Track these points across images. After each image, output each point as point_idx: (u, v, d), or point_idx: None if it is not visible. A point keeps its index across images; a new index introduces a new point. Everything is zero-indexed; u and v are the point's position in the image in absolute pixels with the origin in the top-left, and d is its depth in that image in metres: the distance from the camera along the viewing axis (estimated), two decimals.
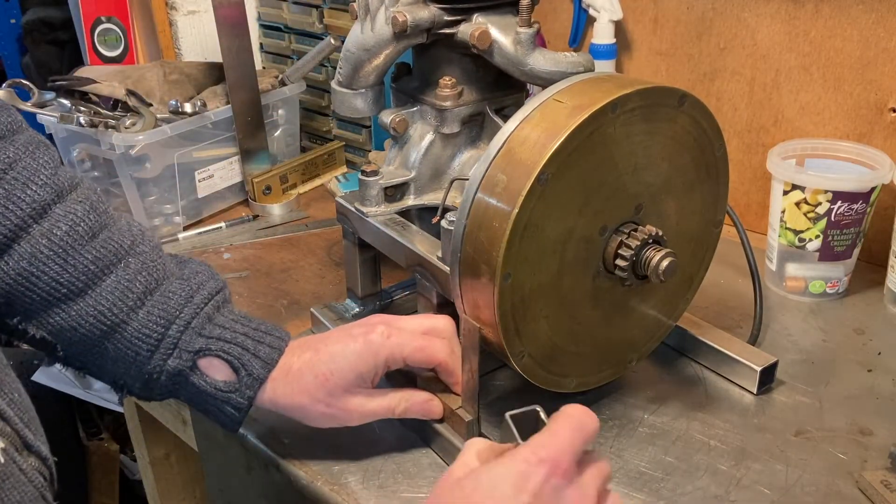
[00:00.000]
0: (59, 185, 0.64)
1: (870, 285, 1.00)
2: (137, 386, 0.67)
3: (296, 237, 1.18)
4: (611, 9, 1.14)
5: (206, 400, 0.67)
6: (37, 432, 0.53)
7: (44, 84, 1.19)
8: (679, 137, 0.71)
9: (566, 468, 0.49)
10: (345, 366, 0.67)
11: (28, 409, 0.54)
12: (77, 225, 0.63)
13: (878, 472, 0.70)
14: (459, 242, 0.67)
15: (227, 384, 0.66)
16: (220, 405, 0.67)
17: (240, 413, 0.67)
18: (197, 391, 0.66)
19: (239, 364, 0.66)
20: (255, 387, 0.66)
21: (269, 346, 0.67)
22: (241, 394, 0.66)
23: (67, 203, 0.64)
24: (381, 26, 0.78)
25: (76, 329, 0.64)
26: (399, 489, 0.70)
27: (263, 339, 0.67)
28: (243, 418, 0.68)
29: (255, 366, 0.66)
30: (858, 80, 1.01)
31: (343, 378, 0.67)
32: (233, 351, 0.66)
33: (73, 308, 0.63)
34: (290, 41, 1.41)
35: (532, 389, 0.73)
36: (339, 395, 0.67)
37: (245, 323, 0.69)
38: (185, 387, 0.67)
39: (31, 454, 0.52)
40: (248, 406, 0.67)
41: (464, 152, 0.84)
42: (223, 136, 1.23)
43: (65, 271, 0.62)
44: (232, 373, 0.66)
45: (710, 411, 0.80)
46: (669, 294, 0.79)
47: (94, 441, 1.63)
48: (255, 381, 0.66)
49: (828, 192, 0.92)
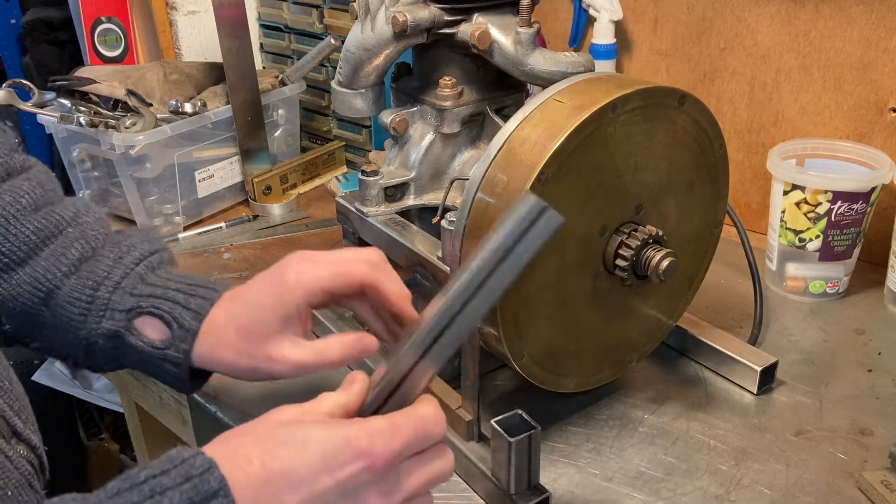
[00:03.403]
0: (11, 165, 0.66)
1: (870, 285, 1.00)
2: (81, 355, 0.66)
3: (296, 237, 1.18)
4: (611, 9, 1.14)
5: (147, 360, 0.65)
6: (27, 421, 0.53)
7: (44, 84, 1.19)
8: (679, 137, 0.71)
9: (384, 468, 0.47)
10: (261, 314, 0.62)
11: (19, 397, 0.54)
12: (21, 198, 0.65)
13: (878, 472, 0.70)
14: (459, 242, 0.67)
15: (162, 342, 0.64)
16: (159, 363, 0.65)
17: (179, 369, 0.64)
18: (136, 353, 0.65)
19: (170, 318, 0.64)
20: (189, 340, 0.63)
21: (202, 298, 0.65)
22: (175, 348, 0.64)
23: (15, 181, 0.66)
24: (381, 26, 0.78)
25: (16, 298, 0.64)
26: None
27: (196, 292, 0.65)
28: (186, 376, 0.65)
29: (185, 318, 0.64)
30: (858, 80, 1.01)
31: (263, 326, 0.62)
32: (164, 306, 0.64)
33: (14, 278, 0.64)
34: (290, 41, 1.41)
35: (532, 389, 0.73)
36: (261, 346, 0.62)
37: (180, 280, 0.67)
38: (124, 350, 0.65)
39: (21, 442, 0.52)
40: (184, 360, 0.64)
41: (464, 152, 0.84)
42: (223, 136, 1.23)
43: (6, 241, 0.64)
44: (166, 329, 0.64)
45: (710, 411, 0.80)
46: (669, 294, 0.79)
47: (94, 441, 1.63)
48: (187, 334, 0.63)
49: (828, 192, 0.92)
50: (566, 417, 0.78)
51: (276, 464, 0.46)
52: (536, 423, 0.63)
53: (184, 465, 0.45)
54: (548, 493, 0.66)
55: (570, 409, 0.79)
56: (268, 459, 0.46)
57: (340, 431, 0.47)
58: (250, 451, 0.46)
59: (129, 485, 0.44)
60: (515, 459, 0.64)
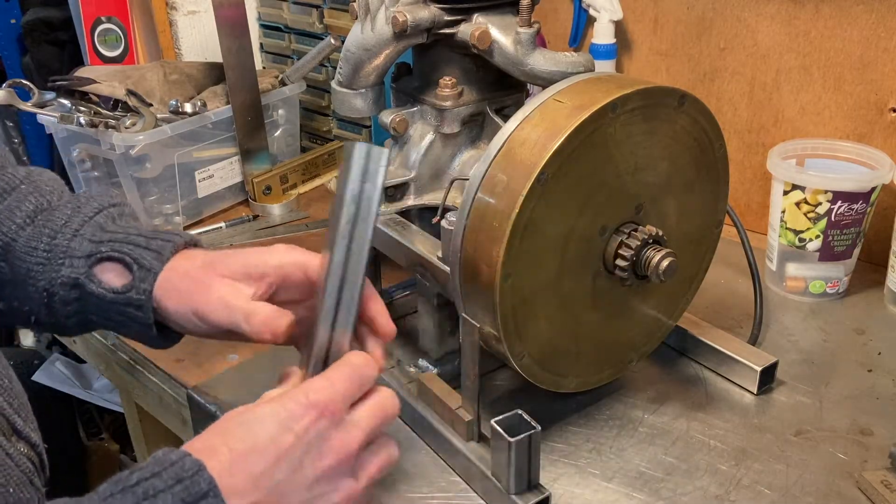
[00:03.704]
0: None
1: (870, 285, 1.00)
2: (43, 311, 0.65)
3: (296, 237, 1.18)
4: (611, 9, 1.14)
5: (110, 308, 0.63)
6: (27, 419, 0.53)
7: (44, 84, 1.19)
8: (679, 137, 0.71)
9: (335, 411, 0.51)
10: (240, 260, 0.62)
11: (19, 395, 0.54)
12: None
13: (878, 472, 0.70)
14: (459, 242, 0.67)
15: (124, 285, 0.63)
16: (123, 309, 0.63)
17: (143, 313, 0.62)
18: (98, 302, 0.64)
19: (131, 259, 0.63)
20: (150, 280, 0.62)
21: (163, 240, 0.64)
22: (137, 290, 0.62)
23: None
24: (381, 26, 0.78)
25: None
26: (399, 489, 0.70)
27: (157, 235, 0.64)
28: (150, 319, 0.63)
29: (146, 258, 0.62)
30: (858, 80, 1.01)
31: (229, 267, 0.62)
32: (124, 248, 0.63)
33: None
34: (290, 41, 1.41)
35: (532, 389, 0.73)
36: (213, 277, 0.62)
37: (140, 227, 0.66)
38: (86, 301, 0.64)
39: (21, 440, 0.52)
40: (146, 301, 0.62)
41: (464, 152, 0.84)
42: (223, 136, 1.23)
43: None
44: (127, 273, 0.63)
45: (710, 411, 0.80)
46: (669, 294, 0.79)
47: (94, 441, 1.63)
48: (148, 274, 0.62)
49: (828, 192, 0.92)
50: (566, 417, 0.78)
51: (239, 444, 0.49)
52: (536, 423, 0.63)
53: (174, 467, 0.46)
54: (548, 493, 0.66)
55: (570, 409, 0.79)
56: (231, 443, 0.49)
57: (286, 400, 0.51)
58: (215, 442, 0.49)
59: (122, 487, 0.45)
60: (515, 459, 0.64)
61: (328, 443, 0.51)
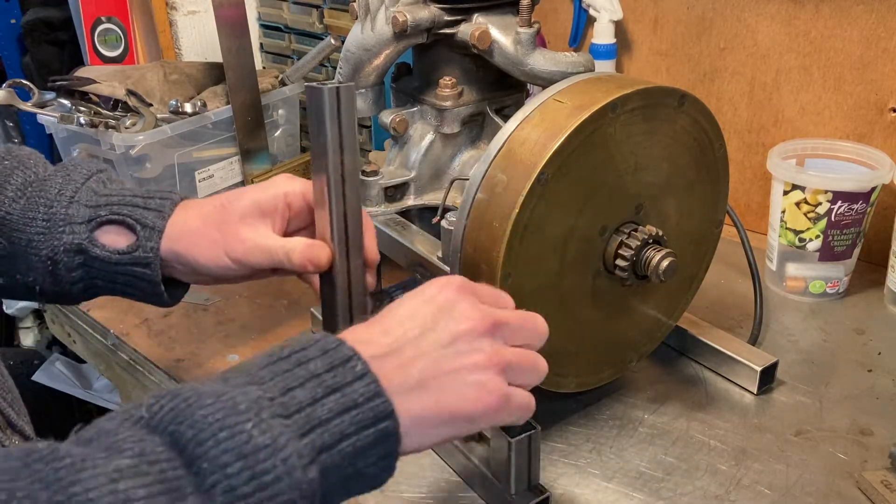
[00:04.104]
0: None
1: (870, 285, 1.00)
2: (47, 280, 0.65)
3: None
4: (611, 9, 1.14)
5: (116, 271, 0.64)
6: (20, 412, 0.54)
7: (44, 84, 1.19)
8: (679, 137, 0.71)
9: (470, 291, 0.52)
10: (247, 200, 0.64)
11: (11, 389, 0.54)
12: None
13: (878, 472, 0.70)
14: (459, 242, 0.67)
15: (128, 246, 0.64)
16: (129, 269, 0.64)
17: (150, 270, 0.64)
18: (104, 265, 0.64)
19: (133, 220, 0.64)
20: (156, 238, 0.63)
21: (160, 199, 0.65)
22: (143, 248, 0.63)
23: None
24: (381, 26, 0.78)
25: None
26: (399, 489, 0.70)
27: (154, 195, 0.65)
28: (158, 277, 0.64)
29: (148, 217, 0.63)
30: (858, 80, 1.01)
31: (242, 207, 0.64)
32: (123, 210, 0.64)
33: None
34: (290, 41, 1.41)
35: (532, 389, 0.73)
36: (233, 223, 0.63)
37: (133, 189, 0.67)
38: (91, 266, 0.64)
39: (15, 433, 0.52)
40: (154, 259, 0.63)
41: (464, 152, 0.84)
42: (223, 136, 1.23)
43: None
44: (130, 233, 0.64)
45: (710, 411, 0.80)
46: (669, 294, 0.79)
47: None
48: (153, 232, 0.63)
49: (828, 192, 0.92)
50: (566, 417, 0.78)
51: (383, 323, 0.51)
52: (536, 423, 0.63)
53: (318, 343, 0.48)
54: (548, 493, 0.66)
55: (570, 409, 0.79)
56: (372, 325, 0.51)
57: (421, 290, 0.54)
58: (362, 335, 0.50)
59: (276, 358, 0.47)
60: (515, 459, 0.64)
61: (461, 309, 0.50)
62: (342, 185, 0.58)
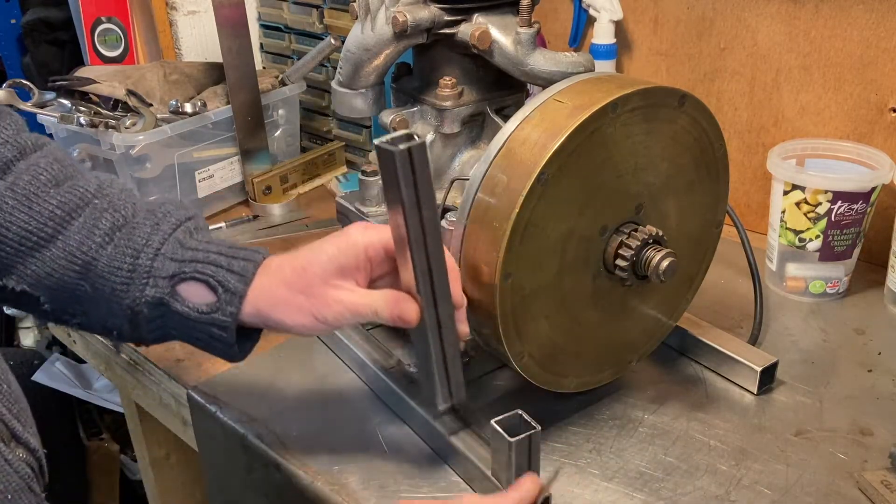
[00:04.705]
0: (22, 144, 0.65)
1: (870, 285, 1.00)
2: (126, 327, 0.66)
3: (296, 237, 1.18)
4: (611, 9, 1.14)
5: (194, 328, 0.65)
6: (26, 423, 0.53)
7: (44, 84, 1.19)
8: (679, 137, 0.71)
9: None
10: (323, 257, 0.65)
11: (18, 399, 0.54)
12: (39, 175, 0.64)
13: (878, 472, 0.70)
14: (459, 242, 0.67)
15: (208, 306, 0.65)
16: (206, 328, 0.65)
17: (227, 333, 0.65)
18: (182, 320, 0.65)
19: (215, 282, 0.64)
20: (236, 302, 0.64)
21: (244, 260, 0.66)
22: (222, 311, 0.64)
23: (31, 158, 0.65)
24: (381, 26, 0.78)
25: (52, 275, 0.64)
26: (399, 489, 0.70)
27: (238, 255, 0.66)
28: (233, 339, 0.66)
29: (231, 280, 0.64)
30: (858, 80, 1.01)
31: (322, 268, 0.64)
32: (207, 270, 0.65)
33: (46, 254, 0.63)
34: (290, 41, 1.41)
35: (532, 389, 0.73)
36: (318, 286, 0.64)
37: (219, 243, 0.67)
38: (170, 318, 0.65)
39: (20, 445, 0.52)
40: (231, 324, 0.65)
41: (464, 152, 0.84)
42: (223, 136, 1.23)
43: (31, 219, 0.63)
44: (211, 293, 0.65)
45: (710, 411, 0.80)
46: (669, 294, 0.79)
47: (94, 441, 1.63)
48: (233, 297, 0.64)
49: (828, 192, 0.92)
50: (566, 417, 0.78)
51: None
52: (536, 423, 0.63)
53: None
54: (548, 493, 0.66)
55: (570, 409, 0.79)
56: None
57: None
58: None
59: None
60: (515, 459, 0.64)
61: None
62: (423, 239, 0.58)
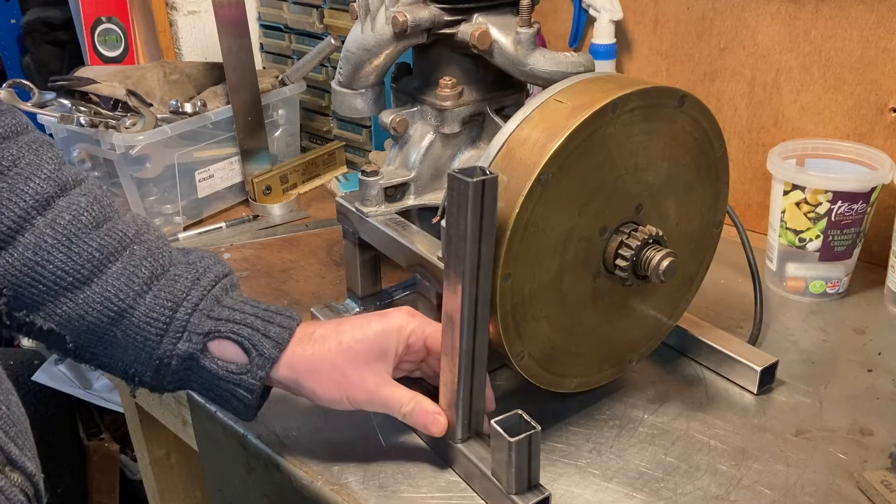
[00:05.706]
0: (63, 179, 0.64)
1: (870, 285, 1.00)
2: (149, 374, 0.66)
3: (296, 237, 1.18)
4: (611, 9, 1.14)
5: (218, 384, 0.66)
6: (24, 446, 0.52)
7: (44, 84, 1.19)
8: (679, 137, 0.71)
9: None
10: (370, 336, 0.66)
11: (17, 421, 0.52)
12: (81, 215, 0.64)
13: (879, 472, 0.70)
14: None
15: (238, 366, 0.65)
16: (232, 388, 0.66)
17: (252, 395, 0.66)
18: (208, 376, 0.66)
19: (250, 345, 0.65)
20: (267, 367, 0.65)
21: (280, 326, 0.67)
22: (252, 374, 0.65)
23: (71, 196, 0.64)
24: (381, 26, 0.78)
25: (83, 317, 0.63)
26: (399, 489, 0.70)
27: (273, 320, 0.67)
28: (257, 403, 0.67)
29: (265, 346, 0.65)
30: (859, 80, 1.01)
31: (367, 348, 0.66)
32: (243, 332, 0.65)
33: (80, 296, 0.63)
34: (290, 41, 1.41)
35: (532, 389, 0.73)
36: (359, 366, 0.66)
37: (254, 305, 0.68)
38: (196, 372, 0.66)
39: (15, 470, 0.50)
40: (259, 388, 0.66)
41: (464, 152, 0.84)
42: (223, 136, 1.23)
43: (69, 259, 0.62)
44: (243, 354, 0.66)
45: (711, 411, 0.80)
46: (669, 294, 0.79)
47: (94, 441, 1.63)
48: (266, 362, 0.65)
49: (828, 192, 0.92)
50: (566, 417, 0.78)
51: None
52: (536, 423, 0.63)
53: None
54: (548, 493, 0.66)
55: (570, 409, 0.79)
56: None
57: None
58: None
59: None
60: (515, 459, 0.64)
61: None
62: (476, 271, 0.60)
